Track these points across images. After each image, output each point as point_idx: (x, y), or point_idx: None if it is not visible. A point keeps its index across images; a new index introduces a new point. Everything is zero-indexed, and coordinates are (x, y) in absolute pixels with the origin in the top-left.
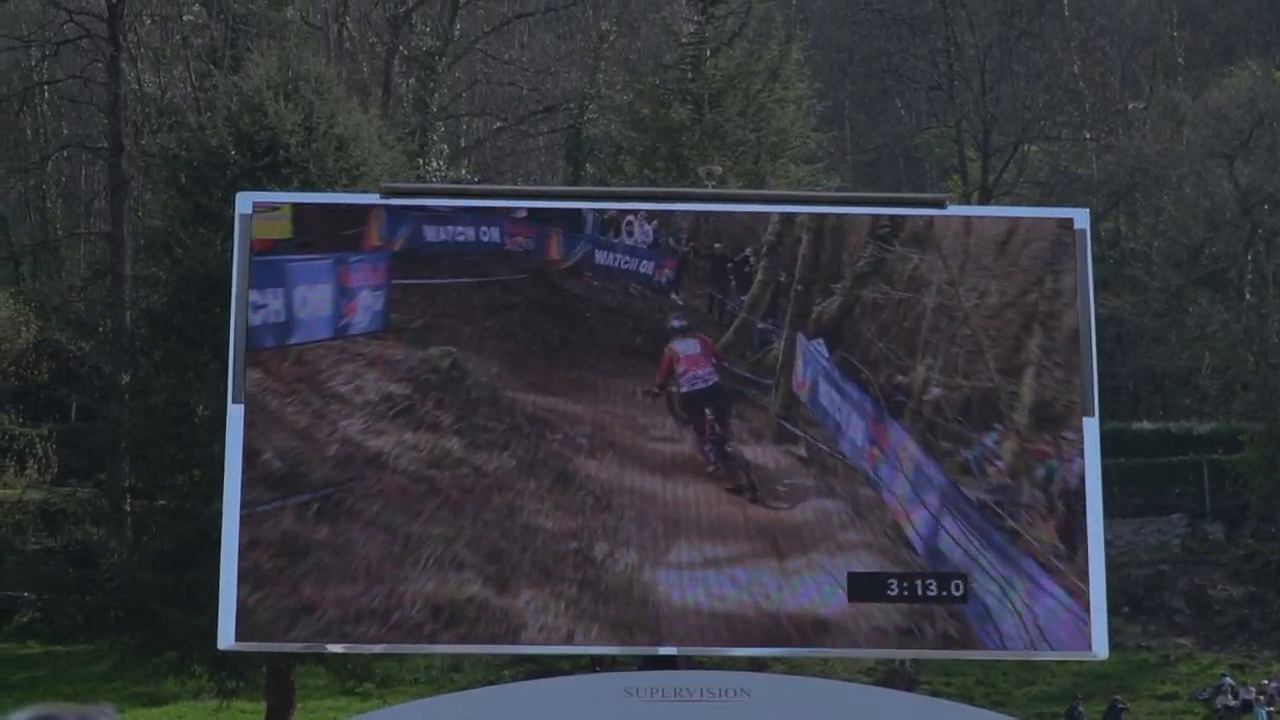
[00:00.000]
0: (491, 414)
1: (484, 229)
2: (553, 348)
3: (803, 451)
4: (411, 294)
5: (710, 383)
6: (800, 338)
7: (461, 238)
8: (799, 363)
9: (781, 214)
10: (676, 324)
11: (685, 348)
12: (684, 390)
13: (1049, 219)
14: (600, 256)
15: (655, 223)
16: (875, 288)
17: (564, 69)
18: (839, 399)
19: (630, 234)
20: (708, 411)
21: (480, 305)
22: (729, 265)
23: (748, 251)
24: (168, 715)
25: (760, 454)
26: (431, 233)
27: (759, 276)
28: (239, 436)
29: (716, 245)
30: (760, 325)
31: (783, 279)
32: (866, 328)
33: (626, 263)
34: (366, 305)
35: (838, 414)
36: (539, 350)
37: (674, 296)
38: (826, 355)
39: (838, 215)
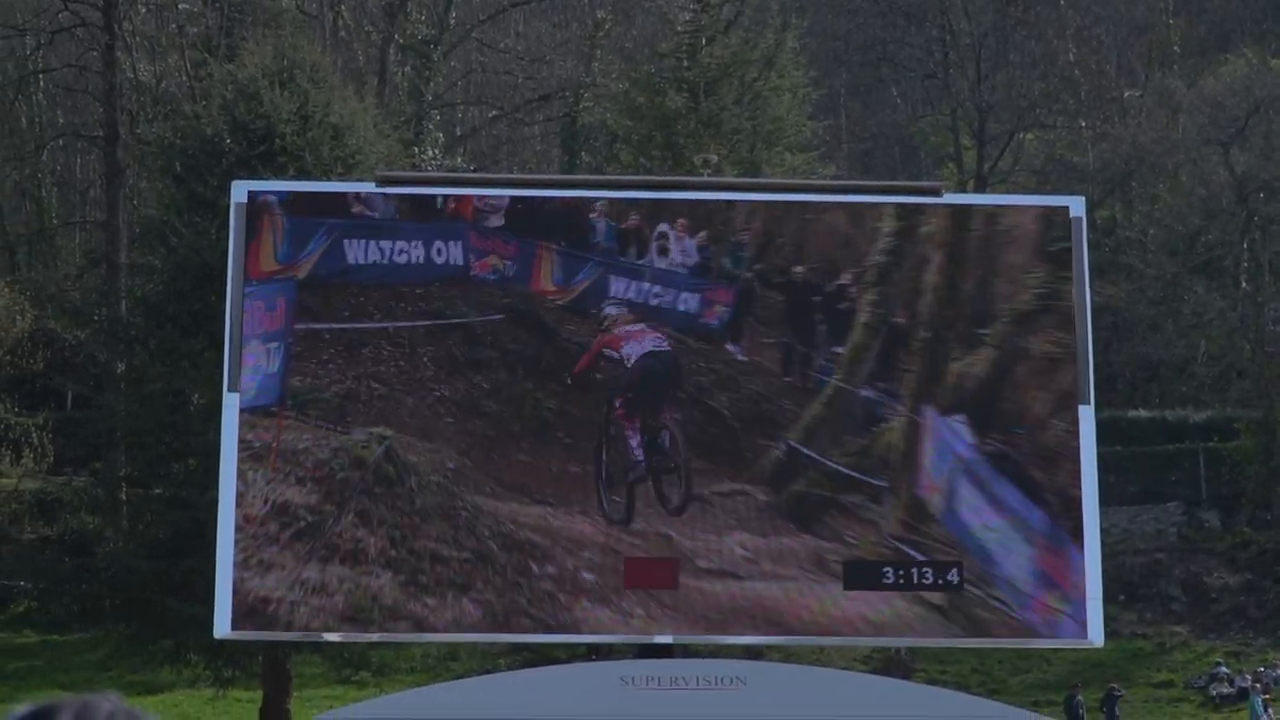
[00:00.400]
0: (446, 534)
1: (438, 245)
2: (542, 428)
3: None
4: (323, 346)
5: (661, 347)
6: (930, 413)
7: (402, 258)
8: (927, 451)
9: (899, 218)
10: (612, 311)
11: (626, 330)
12: (630, 355)
13: (1046, 208)
14: (618, 286)
15: (703, 235)
16: (1047, 335)
17: (559, 57)
18: (991, 514)
19: (664, 252)
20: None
21: (431, 362)
22: (816, 299)
23: (845, 278)
24: (164, 704)
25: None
26: (355, 250)
27: (862, 317)
28: (234, 425)
29: (797, 269)
30: (864, 393)
31: (900, 320)
32: (1033, 399)
33: (658, 296)
34: (255, 367)
35: (987, 537)
36: (521, 433)
37: (731, 348)
38: (971, 441)
39: (990, 213)
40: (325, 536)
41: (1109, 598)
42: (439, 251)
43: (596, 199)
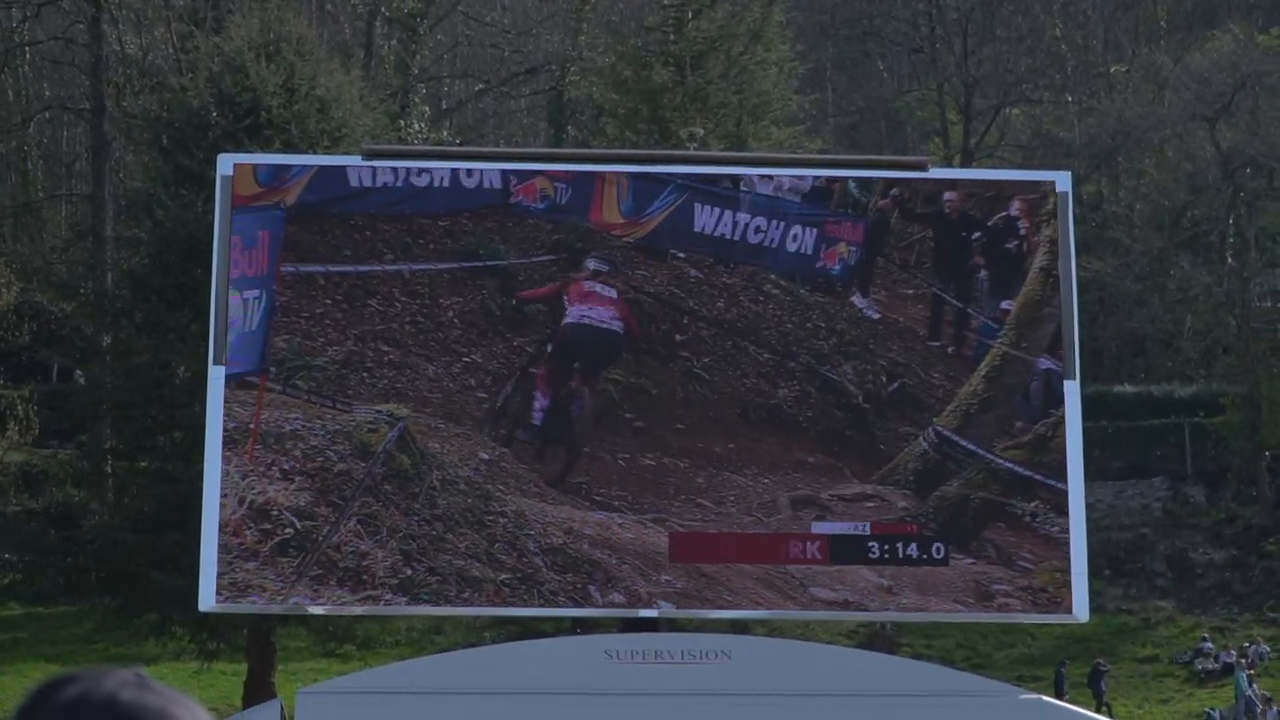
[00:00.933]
0: (478, 548)
1: (468, 168)
2: (610, 407)
3: None
4: (317, 296)
5: (602, 323)
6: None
7: (422, 180)
8: None
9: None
10: (594, 266)
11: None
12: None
13: (1030, 182)
14: (705, 218)
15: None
16: None
17: (546, 31)
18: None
19: (767, 177)
20: None
21: (459, 319)
22: (975, 237)
23: (1015, 208)
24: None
25: None
26: (359, 170)
27: (1038, 260)
28: (220, 398)
29: (949, 196)
30: (1042, 363)
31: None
32: None
33: (760, 231)
34: (229, 323)
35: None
36: (585, 412)
37: (858, 302)
38: None
39: None
40: (318, 550)
41: (1094, 573)
42: (468, 172)
43: None
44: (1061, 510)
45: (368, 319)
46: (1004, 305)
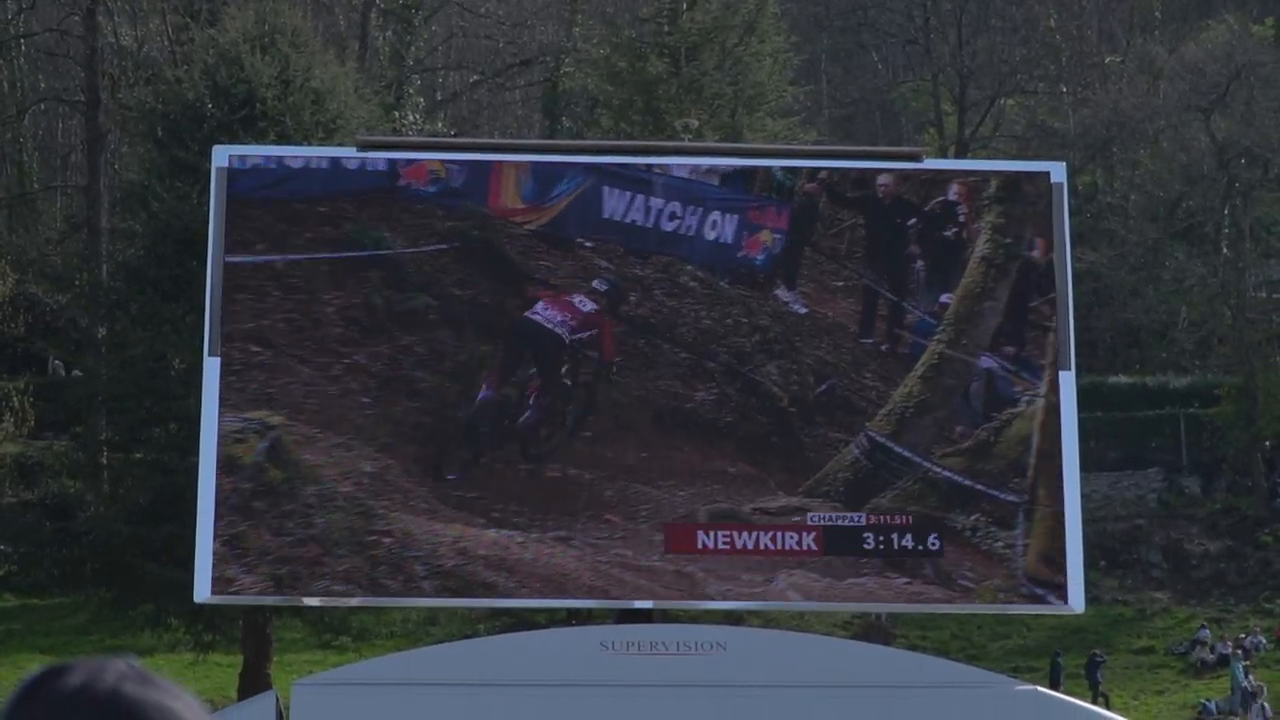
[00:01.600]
0: (358, 573)
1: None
2: (509, 412)
3: None
4: None
5: (548, 324)
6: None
7: (297, 161)
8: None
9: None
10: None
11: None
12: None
13: (1025, 172)
14: (614, 203)
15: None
16: None
17: (540, 22)
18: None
19: (684, 156)
20: None
21: (340, 315)
22: (911, 224)
23: (953, 192)
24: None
25: None
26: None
27: (979, 248)
28: (215, 389)
29: (882, 180)
30: (985, 361)
31: (1034, 255)
32: None
33: (675, 218)
34: None
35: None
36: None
37: (782, 294)
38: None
39: None
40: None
41: (1090, 564)
42: (347, 159)
43: None
44: (1006, 524)
45: (236, 315)
46: (943, 299)
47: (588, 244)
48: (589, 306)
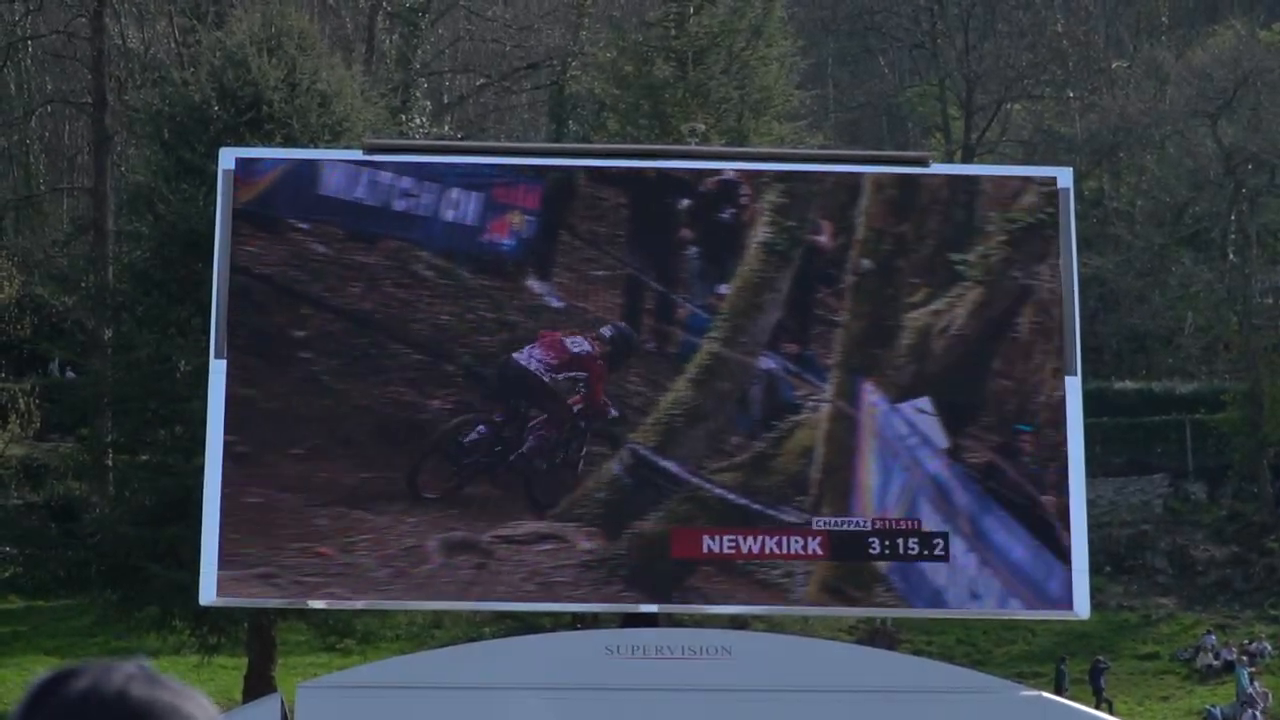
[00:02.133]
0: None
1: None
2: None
3: None
4: None
5: (525, 364)
6: (866, 390)
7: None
8: (867, 459)
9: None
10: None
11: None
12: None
13: (1031, 178)
14: (334, 177)
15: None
16: (1018, 272)
17: (547, 26)
18: (988, 560)
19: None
20: None
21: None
22: (683, 204)
23: (731, 171)
24: None
25: None
26: None
27: (759, 232)
28: (221, 391)
29: (649, 169)
30: (765, 362)
31: (821, 240)
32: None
33: (408, 195)
34: None
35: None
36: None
37: (534, 286)
38: (943, 444)
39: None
40: None
41: (1095, 569)
42: None
43: None
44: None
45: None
46: (719, 290)
47: (301, 225)
48: (584, 345)
